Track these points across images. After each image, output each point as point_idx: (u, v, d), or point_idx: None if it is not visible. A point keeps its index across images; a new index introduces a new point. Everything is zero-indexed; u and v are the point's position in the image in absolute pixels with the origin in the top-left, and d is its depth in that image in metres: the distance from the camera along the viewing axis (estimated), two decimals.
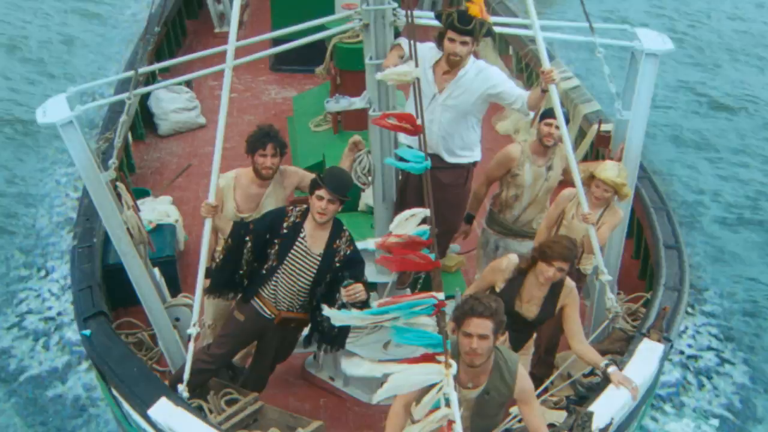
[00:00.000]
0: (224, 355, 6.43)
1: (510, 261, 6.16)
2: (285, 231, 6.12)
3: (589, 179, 6.73)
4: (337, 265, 6.15)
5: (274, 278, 6.20)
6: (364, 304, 5.99)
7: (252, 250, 6.15)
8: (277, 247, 6.14)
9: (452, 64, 6.55)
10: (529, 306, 6.10)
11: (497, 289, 6.13)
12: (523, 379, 5.22)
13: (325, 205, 5.98)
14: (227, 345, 6.42)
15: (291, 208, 6.26)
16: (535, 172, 7.24)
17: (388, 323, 3.99)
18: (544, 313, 6.11)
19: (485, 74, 6.67)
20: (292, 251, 6.13)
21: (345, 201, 6.11)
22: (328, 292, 6.21)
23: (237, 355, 6.95)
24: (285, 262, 6.14)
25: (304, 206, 6.22)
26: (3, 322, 10.02)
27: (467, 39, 6.37)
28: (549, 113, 7.11)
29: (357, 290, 5.95)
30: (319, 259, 6.13)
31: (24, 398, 9.02)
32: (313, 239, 6.13)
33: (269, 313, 6.29)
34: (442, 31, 6.44)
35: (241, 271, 6.22)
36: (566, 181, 7.24)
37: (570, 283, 6.17)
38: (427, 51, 6.63)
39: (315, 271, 6.15)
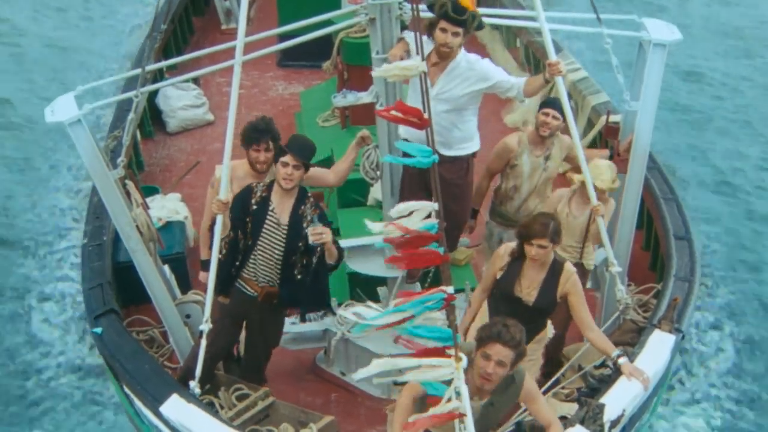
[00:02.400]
0: (214, 340, 6.32)
1: (506, 247, 6.23)
2: (254, 207, 6.22)
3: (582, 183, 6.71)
4: (306, 230, 6.20)
5: (252, 256, 6.29)
6: (336, 263, 6.34)
7: (242, 237, 6.25)
8: (249, 225, 6.23)
9: (443, 56, 6.47)
10: (529, 290, 6.09)
11: (497, 277, 6.17)
12: (528, 383, 5.27)
13: (290, 171, 6.10)
14: (214, 329, 6.32)
15: (256, 183, 6.35)
16: (533, 162, 7.23)
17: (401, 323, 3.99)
18: (544, 297, 6.09)
19: (477, 67, 6.57)
20: (265, 225, 6.23)
21: (309, 166, 6.22)
22: (308, 261, 6.28)
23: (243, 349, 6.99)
24: (260, 237, 6.24)
25: (269, 180, 6.34)
26: (13, 321, 10.06)
27: (459, 30, 6.32)
28: (548, 103, 7.09)
29: (322, 231, 6.04)
30: (287, 227, 6.21)
31: (36, 397, 9.06)
32: (281, 209, 6.23)
33: (252, 291, 6.37)
34: (434, 21, 6.38)
35: (237, 263, 6.30)
36: (574, 169, 7.25)
37: (570, 267, 6.16)
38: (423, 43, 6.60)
39: (285, 240, 6.23)
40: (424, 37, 6.51)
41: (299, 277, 6.33)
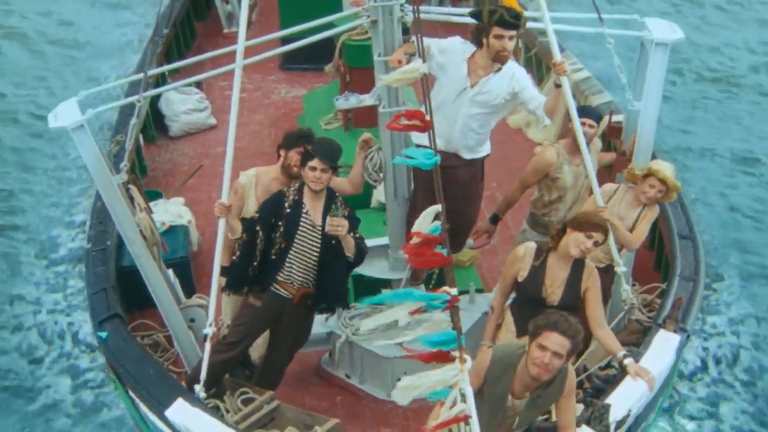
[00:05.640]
0: (241, 341, 6.45)
1: (528, 248, 6.13)
2: (288, 211, 6.28)
3: (644, 177, 6.65)
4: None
5: (288, 259, 6.33)
6: (357, 259, 6.38)
7: (263, 239, 6.28)
8: (282, 229, 6.28)
9: (502, 60, 6.58)
10: (553, 289, 6.02)
11: (520, 279, 6.07)
12: (572, 376, 5.21)
13: (318, 174, 6.18)
14: (244, 331, 6.45)
15: (286, 189, 6.41)
16: (574, 171, 7.16)
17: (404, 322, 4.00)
18: (569, 295, 6.02)
19: (514, 73, 6.72)
20: (300, 228, 6.29)
21: (337, 169, 6.31)
22: (339, 260, 6.38)
23: (256, 353, 6.99)
24: (295, 240, 6.29)
25: (297, 183, 6.40)
26: (19, 325, 10.06)
27: (514, 33, 6.43)
28: (583, 111, 7.08)
29: (339, 223, 6.09)
30: (322, 228, 6.28)
31: (41, 400, 9.07)
32: (314, 211, 6.30)
33: (287, 293, 6.40)
34: (483, 27, 6.45)
35: (255, 263, 6.32)
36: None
37: (591, 263, 6.12)
38: (459, 45, 6.67)
39: (320, 241, 6.29)
40: (461, 39, 6.59)
41: (330, 276, 6.42)
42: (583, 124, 7.01)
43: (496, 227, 7.60)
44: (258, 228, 6.27)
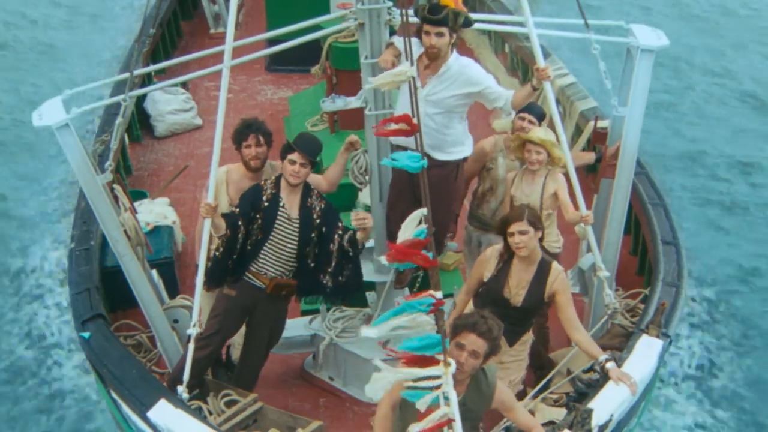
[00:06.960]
0: (217, 333, 6.47)
1: (493, 250, 6.25)
2: (266, 204, 6.38)
3: (521, 147, 6.90)
4: (317, 222, 6.44)
5: (262, 251, 6.43)
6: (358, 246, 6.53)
7: (244, 233, 6.38)
8: (260, 221, 6.39)
9: (431, 57, 6.46)
10: (517, 290, 6.10)
11: (485, 279, 6.18)
12: (501, 392, 5.23)
13: (298, 168, 6.32)
14: (220, 323, 6.48)
15: (264, 181, 6.52)
16: (508, 165, 7.25)
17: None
18: (532, 297, 6.09)
19: (468, 71, 6.55)
20: (277, 221, 6.40)
21: (315, 164, 6.44)
22: (321, 250, 6.50)
23: (237, 354, 6.99)
24: (272, 233, 6.40)
25: (273, 177, 6.51)
26: (2, 328, 10.01)
27: (442, 30, 6.30)
28: (525, 108, 7.05)
29: (365, 216, 6.34)
30: (298, 221, 6.40)
31: (22, 401, 9.02)
32: (290, 204, 6.42)
33: (260, 283, 6.48)
34: (419, 26, 6.40)
35: (234, 256, 6.42)
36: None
37: (558, 266, 6.18)
38: (413, 45, 6.59)
39: (298, 234, 6.40)
40: (414, 40, 6.54)
41: (312, 265, 6.53)
42: (522, 119, 7.07)
43: (456, 225, 7.64)
44: (240, 223, 6.35)
